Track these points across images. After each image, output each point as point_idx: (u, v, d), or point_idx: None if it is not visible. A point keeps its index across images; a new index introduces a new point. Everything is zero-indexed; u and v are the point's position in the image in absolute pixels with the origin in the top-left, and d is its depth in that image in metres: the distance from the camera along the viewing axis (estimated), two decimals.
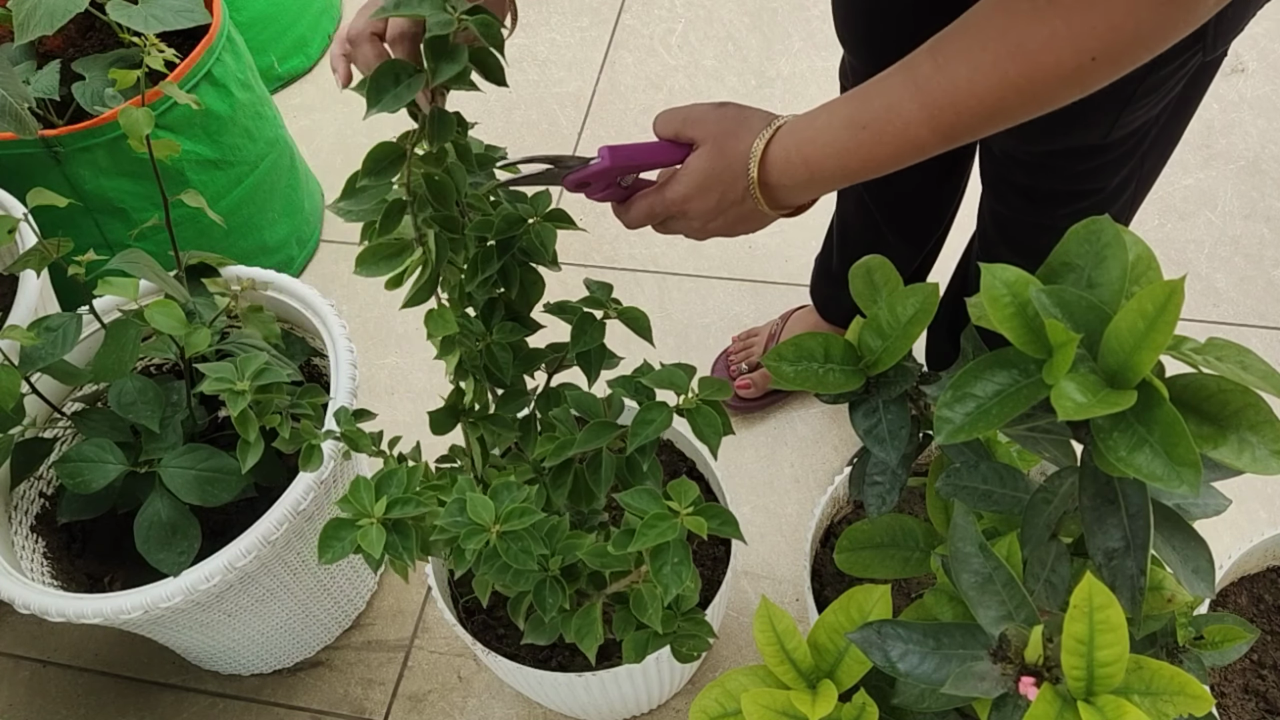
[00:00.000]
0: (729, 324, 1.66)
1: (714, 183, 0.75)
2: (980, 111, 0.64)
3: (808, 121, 0.72)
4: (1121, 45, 0.59)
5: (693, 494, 0.81)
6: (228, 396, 0.84)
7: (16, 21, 1.23)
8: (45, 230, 1.15)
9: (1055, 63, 0.60)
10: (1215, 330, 1.57)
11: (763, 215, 0.77)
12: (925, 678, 0.65)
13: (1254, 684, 1.03)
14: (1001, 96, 0.63)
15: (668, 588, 0.79)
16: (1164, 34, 0.59)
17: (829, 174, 0.72)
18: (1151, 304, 0.51)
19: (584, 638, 0.90)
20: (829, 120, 0.71)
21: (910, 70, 0.67)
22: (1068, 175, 1.00)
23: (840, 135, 0.70)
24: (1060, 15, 0.59)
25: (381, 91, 0.66)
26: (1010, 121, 0.65)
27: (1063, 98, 0.63)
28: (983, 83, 0.63)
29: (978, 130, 0.66)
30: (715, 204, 0.76)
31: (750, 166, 0.73)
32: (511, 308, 0.91)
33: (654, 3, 2.14)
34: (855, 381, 0.73)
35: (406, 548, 0.82)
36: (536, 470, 0.90)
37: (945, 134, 0.67)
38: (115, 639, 1.45)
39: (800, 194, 0.75)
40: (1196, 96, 0.96)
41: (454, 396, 0.92)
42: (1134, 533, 0.60)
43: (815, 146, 0.72)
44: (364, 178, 0.70)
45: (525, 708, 1.34)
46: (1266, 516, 1.39)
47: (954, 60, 0.64)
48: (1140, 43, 0.59)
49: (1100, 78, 0.61)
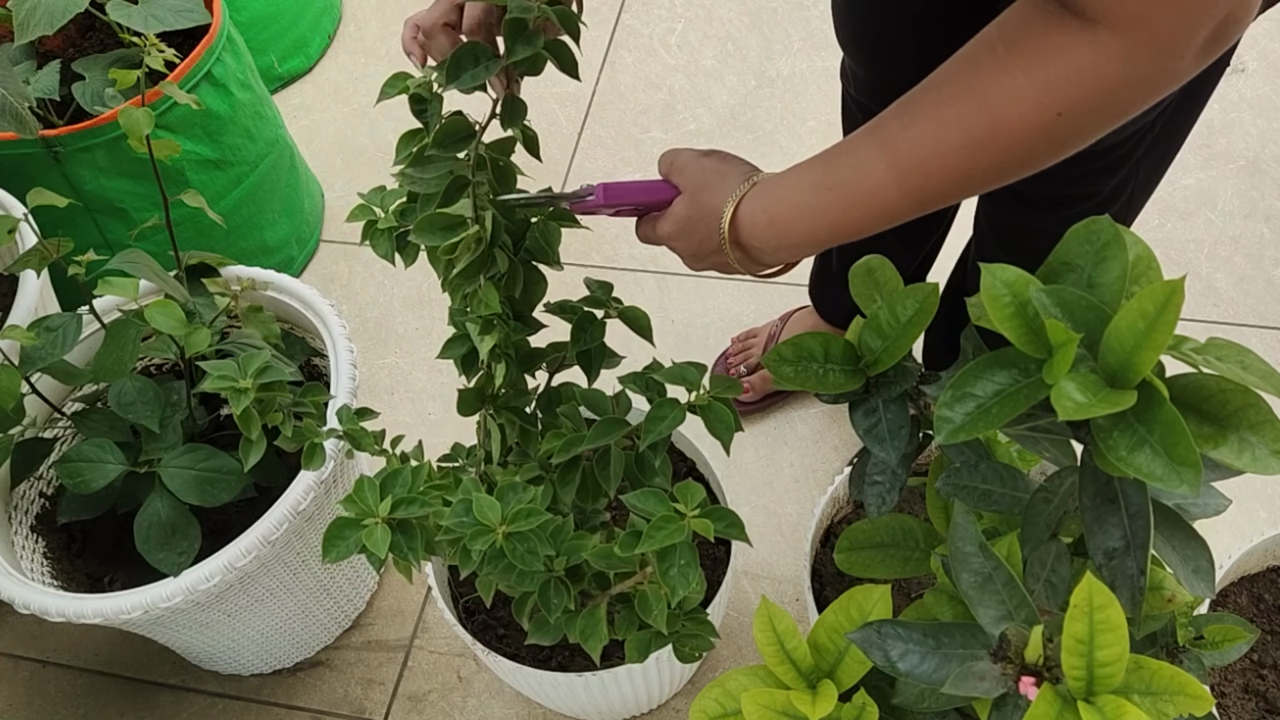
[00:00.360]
0: (729, 324, 1.66)
1: (692, 231, 0.75)
2: (948, 170, 0.61)
3: (778, 181, 0.70)
4: (1088, 100, 0.56)
5: (699, 496, 0.81)
6: (230, 394, 0.84)
7: (16, 21, 1.23)
8: (45, 230, 1.15)
9: (1019, 117, 0.57)
10: (1215, 330, 1.57)
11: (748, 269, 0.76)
12: (925, 678, 0.65)
13: (1254, 684, 1.03)
14: (968, 154, 0.60)
15: (675, 589, 0.79)
16: (1136, 93, 0.56)
17: (798, 237, 0.70)
18: (1152, 304, 0.51)
19: (589, 638, 0.90)
20: (797, 181, 0.69)
21: (878, 130, 0.64)
22: (1061, 180, 1.00)
23: (808, 197, 0.68)
24: (1022, 68, 0.57)
25: (461, 70, 0.68)
26: (983, 185, 0.62)
27: (1035, 157, 0.60)
28: (948, 140, 0.60)
29: (949, 193, 0.63)
30: (696, 249, 0.76)
31: (722, 225, 0.72)
32: (514, 307, 0.92)
33: (654, 3, 2.14)
34: (855, 381, 0.73)
35: (412, 548, 0.82)
36: (543, 468, 0.90)
37: (915, 196, 0.64)
38: (115, 639, 1.45)
39: (774, 255, 0.74)
40: (1197, 103, 0.96)
41: (483, 380, 0.92)
42: (1134, 532, 0.60)
43: (783, 208, 0.70)
44: (434, 147, 0.72)
45: (525, 708, 1.34)
46: (1266, 516, 1.39)
47: (920, 118, 0.62)
48: (1109, 99, 0.56)
49: (1072, 136, 0.58)
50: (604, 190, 0.77)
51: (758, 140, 1.88)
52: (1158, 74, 0.55)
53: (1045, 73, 0.56)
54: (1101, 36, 0.53)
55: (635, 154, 1.90)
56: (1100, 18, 0.53)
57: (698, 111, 1.94)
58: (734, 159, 0.75)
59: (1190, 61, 0.54)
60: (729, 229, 0.72)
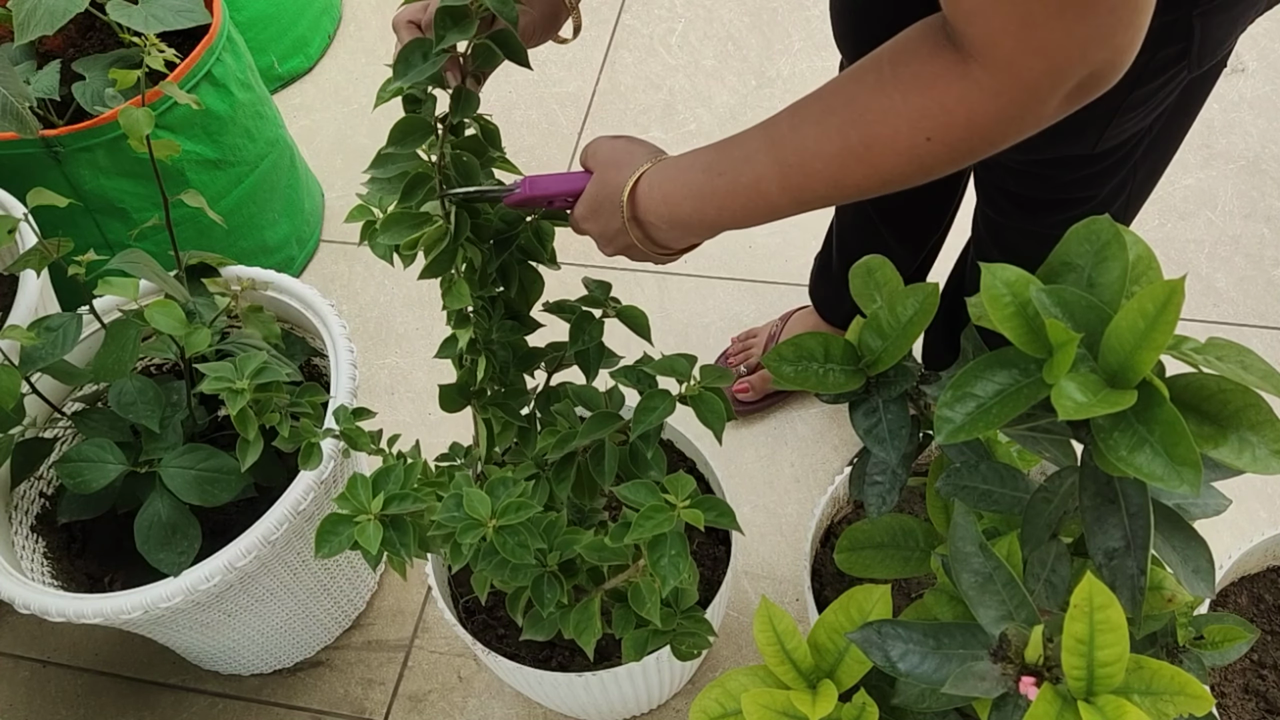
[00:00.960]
0: (729, 324, 1.66)
1: (598, 210, 0.78)
2: (825, 175, 0.65)
3: (675, 161, 0.74)
4: (955, 130, 0.59)
5: (689, 486, 0.81)
6: (227, 395, 0.84)
7: (17, 21, 1.23)
8: (45, 230, 1.15)
9: (891, 135, 0.61)
10: (1215, 330, 1.57)
11: (647, 251, 0.78)
12: (925, 678, 0.65)
13: (1254, 684, 1.03)
14: (843, 163, 0.63)
15: (665, 579, 0.79)
16: (1001, 129, 0.58)
17: (686, 216, 0.73)
18: (1152, 304, 0.51)
19: (582, 633, 0.90)
20: (691, 162, 0.72)
21: (770, 126, 0.68)
22: (1058, 184, 1.00)
23: (698, 178, 0.71)
24: (900, 90, 0.59)
25: (409, 66, 0.69)
26: (856, 195, 0.65)
27: (903, 176, 0.63)
28: (827, 146, 0.64)
29: (827, 196, 0.66)
30: (602, 229, 0.79)
31: (622, 199, 0.75)
32: (511, 306, 0.92)
33: (654, 3, 2.14)
34: (855, 381, 0.73)
35: (404, 544, 0.82)
36: (539, 465, 0.90)
37: (794, 195, 0.67)
38: (115, 639, 1.45)
39: (667, 235, 0.76)
40: (1193, 107, 0.96)
41: (464, 375, 0.92)
42: (1134, 532, 0.60)
43: (674, 185, 0.73)
44: (389, 145, 0.73)
45: (525, 708, 1.34)
46: (1266, 516, 1.39)
47: (807, 122, 0.65)
48: (976, 131, 0.58)
49: (939, 161, 0.61)
50: (529, 184, 0.80)
51: None
52: (1023, 115, 0.57)
53: (920, 99, 0.59)
54: (975, 73, 0.56)
55: None
56: (976, 55, 0.55)
57: (698, 111, 1.94)
58: (644, 142, 0.78)
59: (1055, 107, 0.57)
60: (628, 204, 0.75)
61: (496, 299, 0.91)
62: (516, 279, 0.89)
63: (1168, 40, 0.82)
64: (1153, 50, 0.83)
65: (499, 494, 0.81)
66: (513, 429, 0.96)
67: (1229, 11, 0.82)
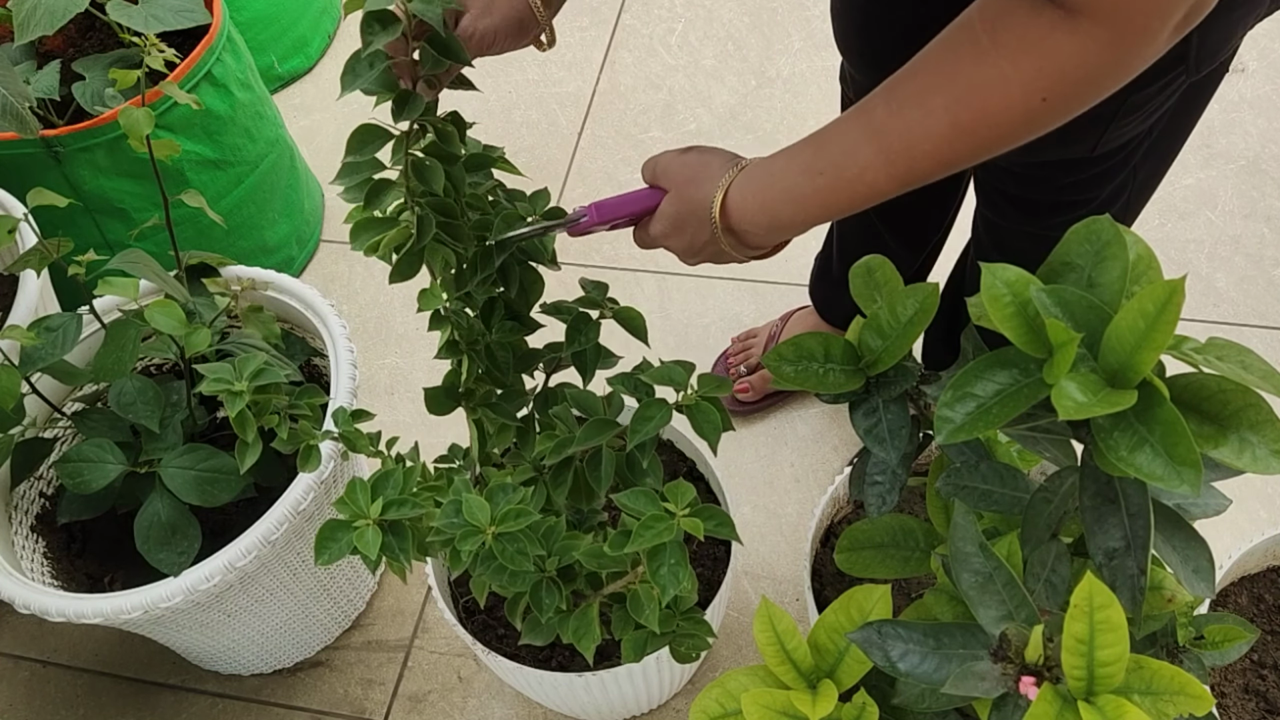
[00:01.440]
0: (729, 324, 1.66)
1: (683, 226, 0.77)
2: (935, 155, 0.64)
3: (765, 167, 0.73)
4: (1072, 86, 0.58)
5: (689, 495, 0.81)
6: (225, 397, 0.84)
7: (17, 21, 1.23)
8: (45, 230, 1.15)
9: (1005, 105, 0.60)
10: (1215, 330, 1.57)
11: (739, 255, 0.78)
12: (925, 678, 0.65)
13: (1254, 684, 1.03)
14: (954, 140, 0.63)
15: (665, 589, 0.79)
16: (1116, 75, 0.58)
17: (788, 219, 0.72)
18: (1152, 304, 0.51)
19: (581, 638, 0.90)
20: (786, 166, 0.71)
21: (865, 115, 0.67)
22: (1057, 186, 1.00)
23: (798, 181, 0.70)
24: (1007, 57, 0.59)
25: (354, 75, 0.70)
26: (966, 163, 0.65)
27: (1015, 139, 0.62)
28: (935, 127, 0.63)
29: (933, 173, 0.66)
30: (688, 244, 0.78)
31: (712, 213, 0.74)
32: (511, 307, 0.92)
33: (654, 3, 2.14)
34: (855, 381, 0.73)
35: (403, 549, 0.82)
36: (536, 469, 0.90)
37: (901, 179, 0.66)
38: (115, 639, 1.45)
39: (765, 238, 0.76)
40: (1194, 111, 0.96)
41: (450, 376, 0.93)
42: (1134, 532, 0.60)
43: (773, 192, 0.72)
44: (349, 154, 0.74)
45: (525, 708, 1.34)
46: (1267, 516, 1.39)
47: (907, 105, 0.64)
48: (1091, 84, 0.58)
49: (1053, 118, 0.61)
50: (596, 209, 0.79)
51: (758, 140, 1.88)
52: (1135, 58, 0.57)
53: (1031, 61, 0.58)
54: (1085, 25, 0.55)
55: (635, 154, 1.90)
56: (1082, 8, 0.55)
57: (698, 111, 1.94)
58: (714, 150, 0.77)
59: (1164, 43, 0.57)
60: (719, 216, 0.74)
61: (496, 299, 0.91)
62: (517, 279, 0.89)
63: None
64: None
65: (498, 500, 0.81)
66: (510, 429, 0.96)
67: (1227, 16, 0.82)
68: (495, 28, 0.77)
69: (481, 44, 0.77)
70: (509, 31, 0.78)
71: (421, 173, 0.75)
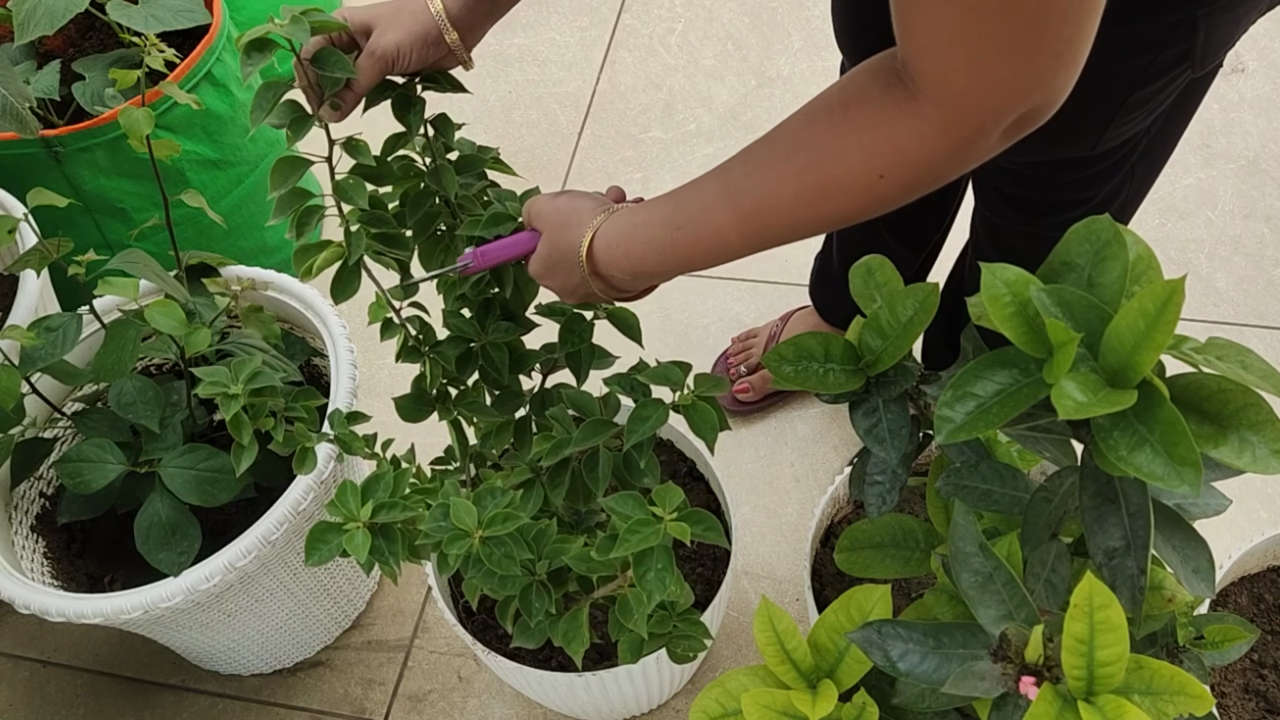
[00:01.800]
0: (728, 324, 1.66)
1: (555, 268, 0.80)
2: (784, 219, 0.67)
3: (630, 217, 0.75)
4: (906, 167, 0.61)
5: (678, 499, 0.81)
6: (221, 400, 0.84)
7: (17, 21, 1.23)
8: (45, 230, 1.15)
9: (847, 175, 0.62)
10: (1215, 330, 1.57)
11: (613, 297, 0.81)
12: (925, 677, 0.65)
13: (1254, 684, 1.03)
14: (800, 206, 0.65)
15: (651, 594, 0.79)
16: (948, 162, 0.60)
17: (650, 268, 0.75)
18: (1152, 303, 0.51)
19: (571, 642, 0.89)
20: (649, 218, 0.74)
21: (724, 176, 0.69)
22: (1056, 186, 1.00)
23: (658, 234, 0.73)
24: (854, 130, 0.61)
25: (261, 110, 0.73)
26: (812, 232, 0.67)
27: (858, 211, 0.64)
28: (785, 191, 0.65)
29: (784, 236, 0.68)
30: (562, 284, 0.81)
31: (580, 257, 0.77)
32: (506, 307, 0.92)
33: (654, 3, 2.14)
34: (855, 381, 0.73)
35: (393, 552, 0.82)
36: (533, 470, 0.90)
37: (753, 239, 0.69)
38: (115, 639, 1.45)
39: (630, 283, 0.79)
40: (1190, 108, 0.96)
41: (418, 381, 0.93)
42: (1134, 532, 0.60)
43: (634, 243, 0.74)
44: (272, 190, 0.76)
45: (525, 708, 1.34)
46: (1267, 516, 1.39)
47: (763, 168, 0.67)
48: (925, 167, 0.61)
49: (891, 196, 0.63)
50: (480, 255, 0.83)
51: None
52: (968, 149, 0.59)
53: (874, 137, 0.61)
54: (924, 109, 0.58)
55: (635, 154, 1.90)
56: (926, 92, 0.58)
57: (698, 111, 1.94)
58: (584, 195, 0.80)
59: (995, 142, 0.59)
60: (587, 261, 0.77)
61: (492, 300, 0.91)
62: (511, 280, 0.89)
63: (1172, 41, 0.82)
64: (1157, 51, 0.83)
65: (486, 504, 0.81)
66: (508, 431, 0.96)
67: (1234, 10, 0.82)
68: (398, 43, 0.78)
69: (385, 60, 0.78)
70: (412, 45, 0.79)
71: (345, 191, 0.77)
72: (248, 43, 0.69)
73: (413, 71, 0.81)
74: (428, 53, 0.80)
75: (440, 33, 0.80)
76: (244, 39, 0.69)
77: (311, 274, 0.81)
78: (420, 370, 0.92)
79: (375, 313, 0.87)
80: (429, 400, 0.94)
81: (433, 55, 0.81)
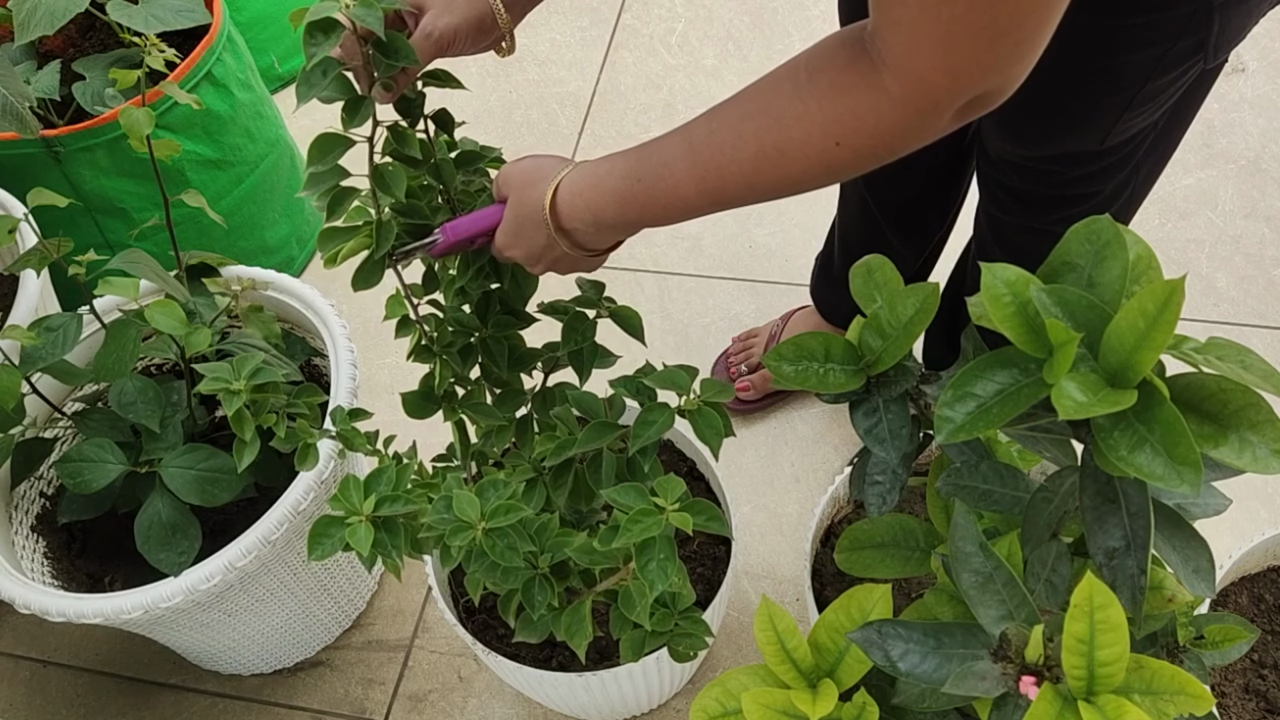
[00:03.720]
0: (729, 324, 1.66)
1: (521, 230, 0.79)
2: (740, 178, 0.67)
3: (594, 168, 0.76)
4: (861, 137, 0.62)
5: (679, 490, 0.81)
6: (223, 396, 0.84)
7: (17, 21, 1.23)
8: (45, 230, 1.15)
9: (804, 140, 0.63)
10: (1216, 330, 1.57)
11: (577, 258, 0.80)
12: (926, 677, 0.65)
13: (1254, 684, 1.03)
14: (758, 167, 0.66)
15: (653, 583, 0.79)
16: (901, 137, 0.62)
17: (611, 220, 0.75)
18: (1152, 303, 0.51)
19: (574, 635, 0.89)
20: (611, 169, 0.74)
21: (687, 132, 0.70)
22: (1062, 180, 1.00)
23: (619, 185, 0.74)
24: (815, 97, 0.62)
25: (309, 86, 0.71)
26: (770, 193, 0.68)
27: (812, 177, 0.66)
28: (744, 151, 0.66)
29: (741, 197, 0.69)
30: (528, 249, 0.80)
31: (544, 211, 0.77)
32: (506, 302, 0.92)
33: (654, 3, 2.14)
34: (856, 381, 0.73)
35: (395, 546, 0.82)
36: (536, 469, 0.90)
37: (710, 197, 0.70)
38: (115, 639, 1.45)
39: (594, 238, 0.79)
40: (1195, 103, 0.96)
41: (426, 380, 0.93)
42: (1134, 532, 0.60)
43: (597, 193, 0.75)
44: (310, 164, 0.74)
45: (525, 708, 1.34)
46: (1267, 516, 1.39)
47: (724, 127, 0.68)
48: (880, 138, 0.62)
49: (845, 164, 0.64)
50: (449, 230, 0.82)
51: None
52: (922, 125, 0.61)
53: (834, 105, 0.62)
54: (885, 82, 0.59)
55: None
56: (890, 66, 0.59)
57: (698, 111, 1.93)
58: (546, 156, 0.80)
59: (947, 122, 0.61)
60: (550, 215, 0.77)
61: (492, 295, 0.91)
62: (509, 273, 0.89)
63: (1187, 32, 0.82)
64: (1171, 42, 0.83)
65: (488, 496, 0.81)
66: (509, 429, 0.96)
67: (1246, 4, 0.82)
68: (454, 26, 0.78)
69: (441, 43, 0.78)
70: (468, 31, 0.79)
71: (383, 179, 0.76)
72: (311, 24, 0.67)
73: (461, 55, 0.81)
74: (480, 38, 0.81)
75: (493, 18, 0.80)
76: (306, 19, 0.67)
77: (336, 262, 0.80)
78: (430, 369, 0.92)
79: (393, 308, 0.86)
80: (436, 399, 0.94)
81: (483, 40, 0.81)
